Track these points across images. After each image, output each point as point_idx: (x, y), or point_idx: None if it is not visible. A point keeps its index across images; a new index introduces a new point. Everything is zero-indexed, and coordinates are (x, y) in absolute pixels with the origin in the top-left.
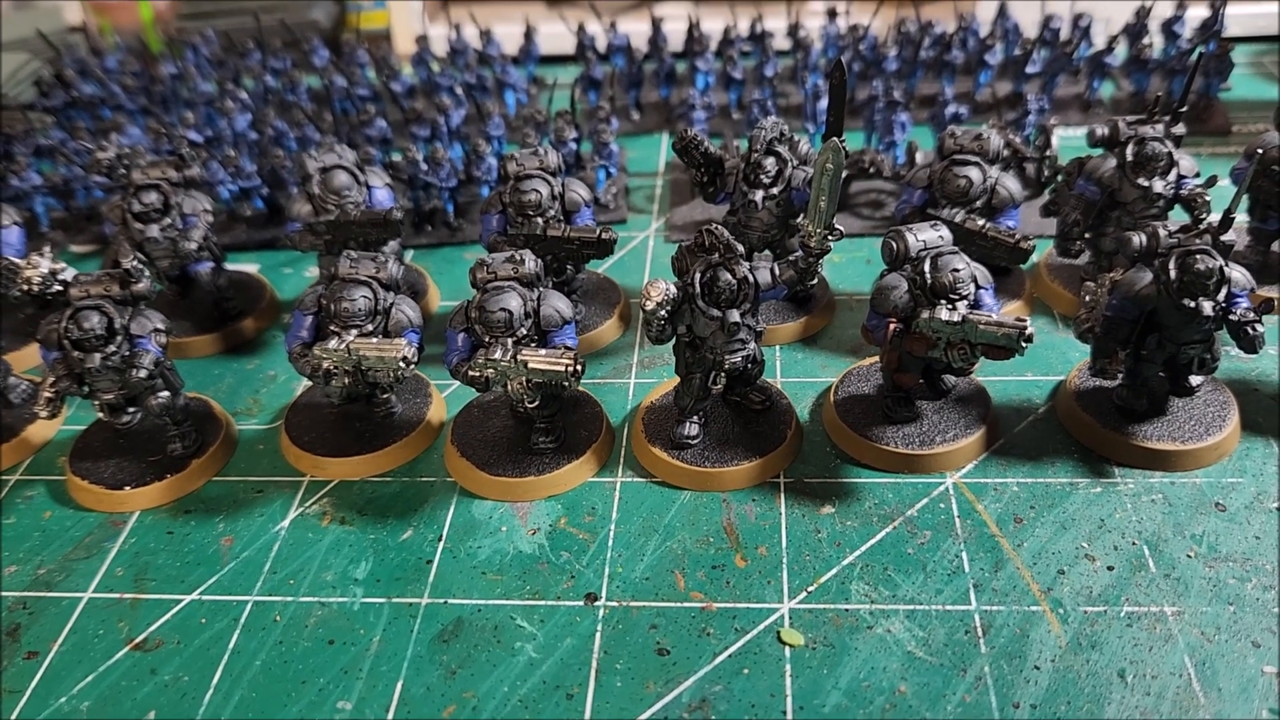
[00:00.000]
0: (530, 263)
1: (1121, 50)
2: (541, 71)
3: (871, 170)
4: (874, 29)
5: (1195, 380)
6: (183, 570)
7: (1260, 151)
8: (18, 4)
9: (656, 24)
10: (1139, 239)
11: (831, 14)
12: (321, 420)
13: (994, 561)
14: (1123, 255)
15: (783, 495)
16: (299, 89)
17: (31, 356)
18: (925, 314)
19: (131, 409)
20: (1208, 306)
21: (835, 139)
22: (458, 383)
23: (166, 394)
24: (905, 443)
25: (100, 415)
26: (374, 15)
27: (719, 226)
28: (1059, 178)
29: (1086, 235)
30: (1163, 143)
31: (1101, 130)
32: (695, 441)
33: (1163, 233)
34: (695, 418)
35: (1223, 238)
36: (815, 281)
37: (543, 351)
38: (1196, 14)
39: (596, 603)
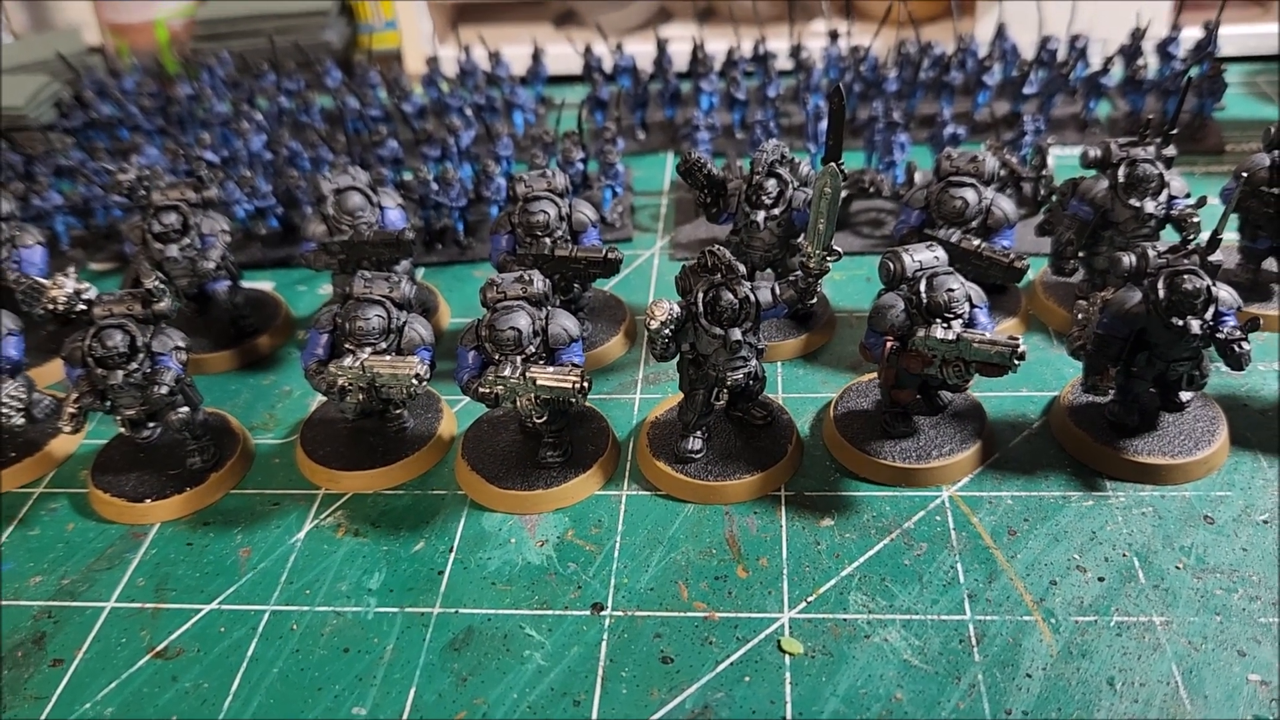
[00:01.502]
0: (539, 282)
1: (1117, 71)
2: (549, 92)
3: (871, 190)
4: (875, 50)
5: (1185, 396)
6: (202, 580)
7: (1246, 174)
8: (36, 19)
9: (661, 45)
10: (1129, 259)
11: (833, 35)
12: (336, 435)
13: (988, 573)
14: (1113, 275)
15: (783, 508)
16: (312, 110)
17: (54, 372)
18: (921, 332)
19: (152, 424)
20: (1195, 325)
21: (834, 163)
22: (468, 399)
23: (186, 409)
24: (903, 457)
25: (121, 430)
26: (385, 37)
27: (721, 248)
28: (1053, 198)
29: (1080, 254)
30: (1154, 164)
31: (1094, 152)
32: (699, 456)
33: (1152, 253)
34: (699, 433)
35: (1211, 257)
36: (815, 300)
37: (551, 369)
38: (1191, 35)
39: (603, 612)
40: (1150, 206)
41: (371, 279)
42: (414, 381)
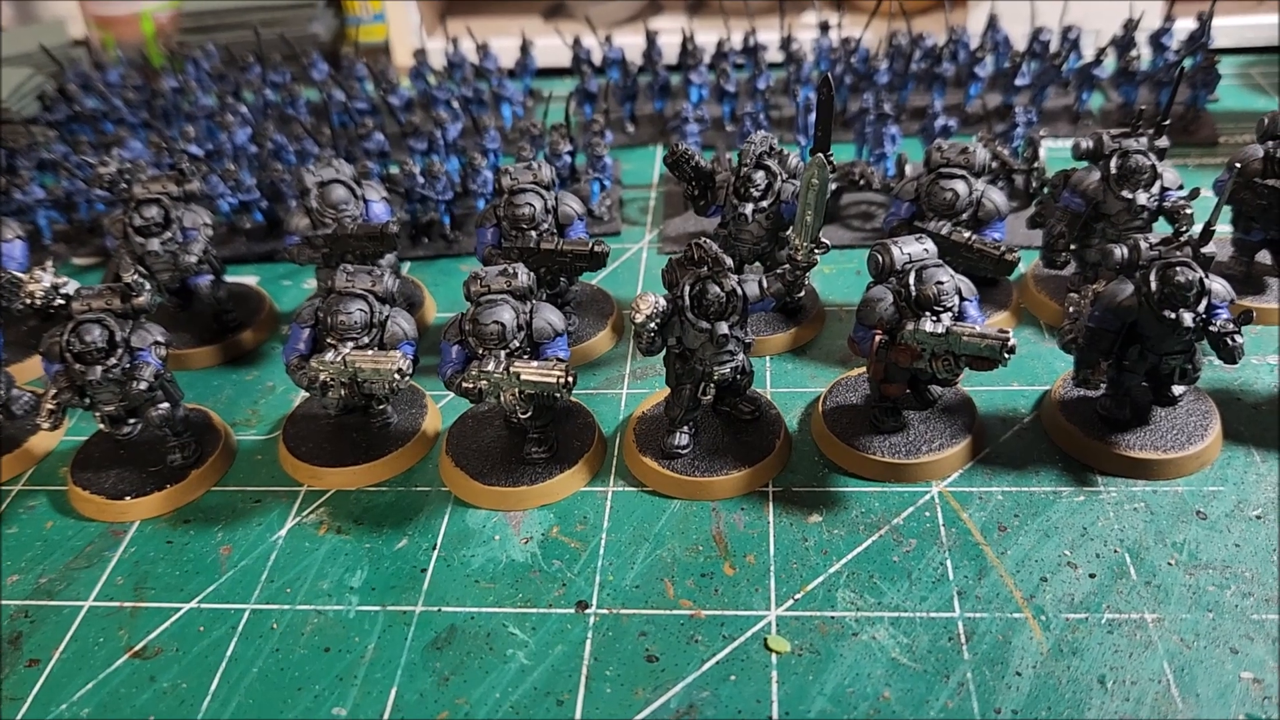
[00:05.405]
0: (523, 276)
1: (1110, 62)
2: (537, 85)
3: (861, 182)
4: (865, 42)
5: (1177, 390)
6: (182, 579)
7: (1239, 165)
8: (20, 11)
9: (651, 37)
10: (1120, 252)
11: (824, 27)
12: (319, 431)
13: (978, 569)
14: (1105, 267)
15: (771, 504)
16: (298, 103)
17: (34, 369)
18: (910, 326)
19: (132, 420)
20: (1188, 318)
21: (821, 154)
22: (452, 394)
23: (166, 405)
24: (892, 452)
25: (101, 427)
26: (372, 29)
27: (707, 240)
28: (1045, 190)
29: (1072, 247)
30: (1146, 156)
31: (1086, 143)
32: (685, 451)
33: (1144, 245)
34: (685, 428)
35: (1204, 250)
36: (803, 294)
37: (535, 363)
38: (1184, 26)
39: (587, 610)
40: (1142, 198)
41: (354, 272)
42: (396, 377)
